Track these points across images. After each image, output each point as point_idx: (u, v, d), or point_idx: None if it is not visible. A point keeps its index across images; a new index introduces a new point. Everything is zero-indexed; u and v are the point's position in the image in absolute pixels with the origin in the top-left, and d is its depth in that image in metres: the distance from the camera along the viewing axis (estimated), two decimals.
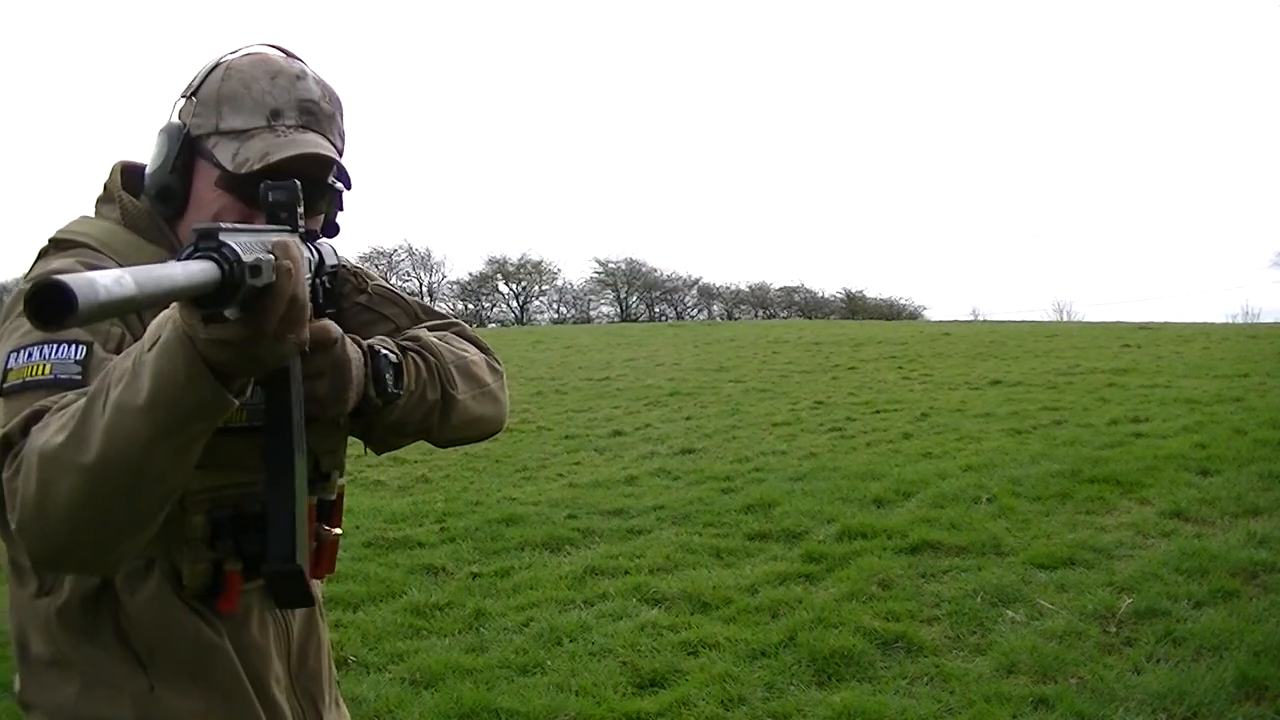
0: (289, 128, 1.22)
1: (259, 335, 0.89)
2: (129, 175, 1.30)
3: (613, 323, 42.37)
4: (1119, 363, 12.90)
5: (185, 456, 0.97)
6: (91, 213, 1.30)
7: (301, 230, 1.16)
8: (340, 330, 1.15)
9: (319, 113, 1.25)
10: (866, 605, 4.24)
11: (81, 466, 0.93)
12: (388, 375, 1.20)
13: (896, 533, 5.21)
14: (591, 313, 49.29)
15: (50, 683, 1.18)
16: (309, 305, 0.95)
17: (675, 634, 4.03)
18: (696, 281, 50.59)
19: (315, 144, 1.22)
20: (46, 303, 0.64)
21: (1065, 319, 33.34)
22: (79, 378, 1.06)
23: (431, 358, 1.28)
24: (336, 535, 1.33)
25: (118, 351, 1.10)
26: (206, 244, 0.82)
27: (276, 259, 0.89)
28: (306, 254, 1.13)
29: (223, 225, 0.84)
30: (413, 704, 3.48)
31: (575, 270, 61.40)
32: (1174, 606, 4.03)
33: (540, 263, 48.89)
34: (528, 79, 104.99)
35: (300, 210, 1.15)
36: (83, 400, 0.96)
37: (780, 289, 50.66)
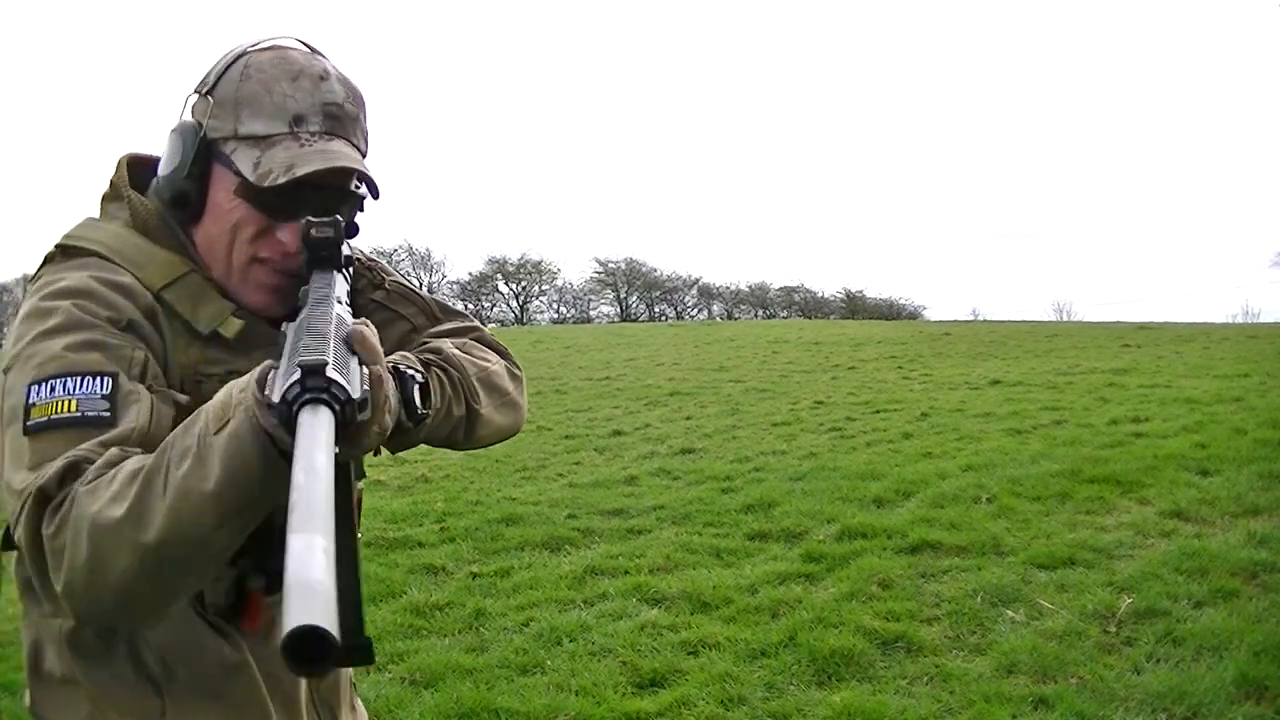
0: (313, 135, 1.15)
1: (354, 448, 0.90)
2: (136, 170, 1.23)
3: (613, 323, 42.37)
4: (1119, 363, 12.90)
5: (245, 531, 0.96)
6: (97, 209, 1.23)
7: (346, 258, 1.16)
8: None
9: (343, 116, 1.18)
10: (866, 605, 4.24)
11: (141, 545, 0.90)
12: (415, 397, 1.15)
13: (896, 533, 5.21)
14: (591, 313, 49.35)
15: (62, 701, 1.16)
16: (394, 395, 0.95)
17: (675, 634, 4.03)
18: (696, 281, 50.71)
19: (342, 155, 1.15)
20: (310, 654, 0.62)
21: (1065, 319, 33.32)
22: (107, 414, 1.01)
23: (455, 372, 1.23)
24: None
25: (141, 377, 1.06)
26: (314, 383, 0.81)
27: (368, 368, 0.89)
28: (345, 289, 1.12)
29: (326, 360, 0.83)
30: (413, 704, 3.48)
31: (575, 270, 61.62)
32: (1174, 606, 4.03)
33: (540, 263, 49.08)
34: (528, 79, 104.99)
35: (344, 245, 1.14)
36: (137, 470, 0.93)
37: (780, 289, 50.80)
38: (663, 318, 47.94)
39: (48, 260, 1.17)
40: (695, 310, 50.05)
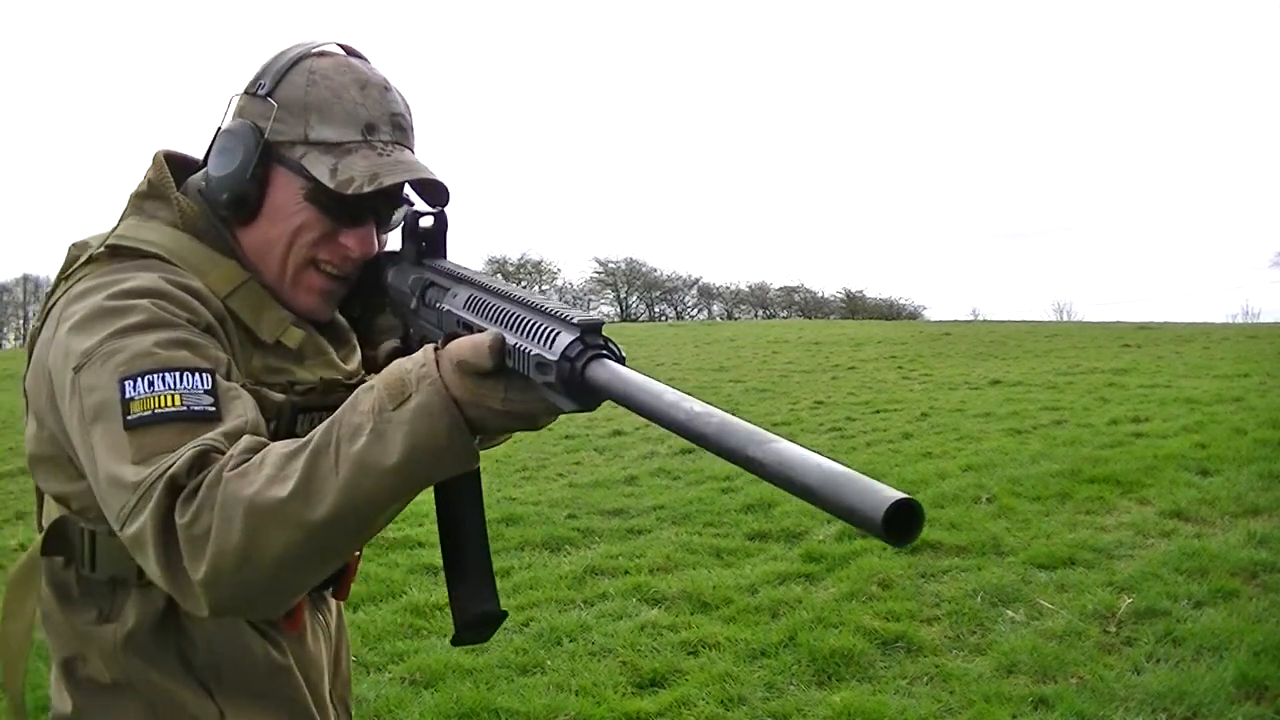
0: (385, 144, 1.17)
1: (552, 407, 0.91)
2: (173, 169, 1.21)
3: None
4: (1119, 363, 12.89)
5: (404, 507, 0.96)
6: (125, 205, 1.20)
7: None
8: None
9: (406, 126, 1.20)
10: (866, 605, 4.24)
11: (308, 522, 0.90)
12: None
13: None
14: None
15: (109, 705, 1.14)
16: None
17: (675, 634, 4.03)
18: (696, 281, 50.74)
19: (420, 166, 1.18)
20: (910, 523, 0.66)
21: (1065, 319, 33.31)
22: (213, 409, 1.00)
23: None
24: None
25: (227, 378, 1.05)
26: (595, 340, 0.86)
27: None
28: None
29: (602, 320, 0.88)
30: (413, 704, 3.48)
31: (575, 270, 61.66)
32: (1174, 606, 4.03)
33: (540, 263, 49.08)
34: (528, 79, 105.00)
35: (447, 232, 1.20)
36: (293, 452, 0.92)
37: (780, 289, 50.82)
38: (663, 318, 47.99)
39: (91, 260, 1.13)
40: (695, 310, 50.12)
